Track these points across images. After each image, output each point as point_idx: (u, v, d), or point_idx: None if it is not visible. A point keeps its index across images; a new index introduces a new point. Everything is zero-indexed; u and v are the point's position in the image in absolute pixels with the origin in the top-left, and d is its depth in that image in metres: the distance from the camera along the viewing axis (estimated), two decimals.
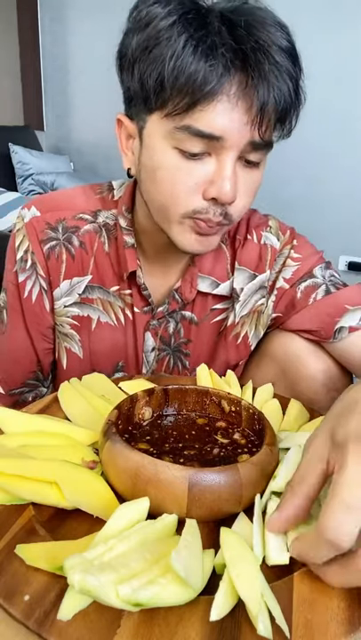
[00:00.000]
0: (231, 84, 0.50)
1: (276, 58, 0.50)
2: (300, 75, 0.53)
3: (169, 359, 0.75)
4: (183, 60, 0.49)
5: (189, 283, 0.70)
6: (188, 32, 0.49)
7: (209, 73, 0.49)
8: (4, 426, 0.49)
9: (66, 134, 3.18)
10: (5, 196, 2.21)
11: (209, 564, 0.35)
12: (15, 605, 0.32)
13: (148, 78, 0.51)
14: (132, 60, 0.53)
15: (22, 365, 0.76)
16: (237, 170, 0.55)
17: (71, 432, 0.49)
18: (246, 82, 0.50)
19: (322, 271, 0.70)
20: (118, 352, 0.74)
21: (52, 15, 2.99)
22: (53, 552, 0.35)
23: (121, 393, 0.58)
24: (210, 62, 0.48)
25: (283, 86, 0.51)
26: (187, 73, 0.49)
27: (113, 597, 0.30)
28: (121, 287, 0.71)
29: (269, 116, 0.52)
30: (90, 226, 0.70)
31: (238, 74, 0.50)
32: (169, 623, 0.31)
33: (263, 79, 0.49)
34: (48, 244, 0.69)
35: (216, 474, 0.39)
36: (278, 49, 0.50)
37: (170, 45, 0.49)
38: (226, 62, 0.49)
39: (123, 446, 0.40)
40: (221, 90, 0.50)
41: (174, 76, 0.49)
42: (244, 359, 0.77)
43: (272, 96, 0.50)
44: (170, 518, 0.38)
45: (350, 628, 0.32)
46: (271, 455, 0.43)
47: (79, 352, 0.74)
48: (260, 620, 0.30)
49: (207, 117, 0.51)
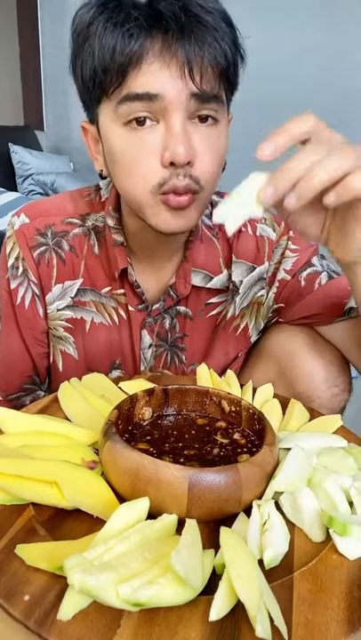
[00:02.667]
0: (153, 44, 0.51)
1: (195, 12, 0.51)
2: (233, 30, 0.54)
3: (166, 355, 0.76)
4: (104, 39, 0.51)
5: (183, 278, 0.70)
6: (105, 14, 0.52)
7: (128, 39, 0.51)
8: (4, 426, 0.49)
9: (66, 134, 3.18)
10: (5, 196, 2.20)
11: (209, 564, 0.35)
12: (15, 605, 0.32)
13: (85, 71, 0.54)
14: (73, 62, 0.56)
15: (18, 371, 0.76)
16: (191, 129, 0.55)
17: (71, 432, 0.49)
18: (168, 38, 0.51)
19: (319, 260, 0.72)
20: (114, 351, 0.75)
21: (52, 15, 2.99)
22: (53, 552, 0.35)
23: (121, 393, 0.58)
24: (125, 29, 0.50)
25: (207, 37, 0.51)
26: (110, 49, 0.51)
27: (113, 597, 0.30)
28: (113, 287, 0.72)
29: (203, 69, 0.52)
30: (79, 229, 0.71)
31: (159, 34, 0.51)
32: (169, 623, 0.31)
33: (183, 33, 0.50)
34: (38, 250, 0.70)
35: (216, 474, 0.39)
36: (199, 7, 0.51)
37: (94, 34, 0.52)
38: (141, 24, 0.50)
39: (123, 446, 0.40)
40: (144, 51, 0.51)
41: (102, 57, 0.52)
42: (244, 351, 0.78)
43: (195, 48, 0.51)
44: (170, 518, 0.38)
45: (350, 627, 0.32)
46: (271, 455, 0.43)
47: (74, 353, 0.74)
48: (258, 622, 0.30)
49: (140, 80, 0.52)
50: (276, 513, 0.40)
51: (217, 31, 0.52)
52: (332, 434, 0.52)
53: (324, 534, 0.40)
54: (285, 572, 0.36)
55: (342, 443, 0.49)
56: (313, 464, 0.45)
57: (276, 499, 0.42)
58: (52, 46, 3.05)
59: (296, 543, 0.39)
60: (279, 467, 0.43)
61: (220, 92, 0.56)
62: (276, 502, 0.42)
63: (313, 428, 0.54)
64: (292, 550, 0.38)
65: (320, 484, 0.42)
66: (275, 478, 0.42)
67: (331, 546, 0.38)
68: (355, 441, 0.52)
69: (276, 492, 0.42)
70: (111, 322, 0.73)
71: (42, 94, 3.15)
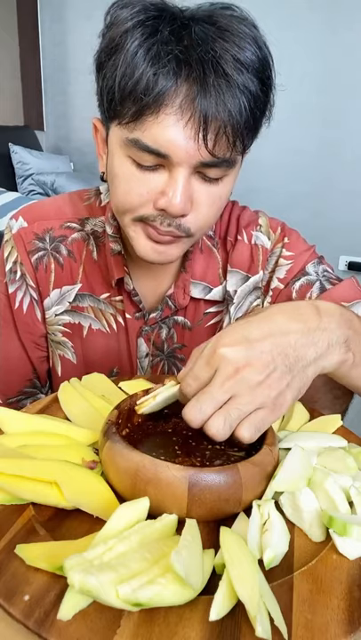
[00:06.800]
0: (177, 95, 0.48)
1: (227, 70, 0.47)
2: (266, 90, 0.51)
3: (163, 365, 0.75)
4: (130, 66, 0.48)
5: (182, 289, 0.70)
6: (140, 39, 0.48)
7: (153, 80, 0.48)
8: (4, 426, 0.49)
9: (66, 134, 3.18)
10: (5, 196, 2.21)
11: (209, 564, 0.35)
12: (15, 605, 0.32)
13: (105, 85, 0.52)
14: (99, 65, 0.53)
15: (18, 374, 0.76)
16: (194, 183, 0.54)
17: (71, 432, 0.49)
18: (191, 94, 0.48)
19: (315, 267, 0.70)
20: (112, 358, 0.74)
21: (52, 15, 2.99)
22: (53, 552, 0.35)
23: (121, 393, 0.58)
24: (154, 70, 0.47)
25: (231, 100, 0.48)
26: (133, 80, 0.48)
27: (113, 597, 0.30)
28: (111, 294, 0.71)
29: (218, 130, 0.50)
30: (78, 234, 0.70)
31: (185, 85, 0.48)
32: (169, 623, 0.31)
33: (207, 91, 0.47)
34: (36, 255, 0.69)
35: (216, 474, 0.39)
36: (233, 61, 0.48)
37: (123, 52, 0.49)
38: (170, 71, 0.48)
39: (123, 446, 0.40)
40: (165, 99, 0.48)
41: (122, 83, 0.49)
42: None
43: (217, 110, 0.48)
44: (170, 518, 0.38)
45: (350, 627, 0.32)
46: (271, 455, 0.43)
47: (73, 358, 0.74)
48: (258, 622, 0.30)
49: (153, 131, 0.50)
50: (276, 513, 0.40)
51: (244, 94, 0.49)
52: (332, 434, 0.52)
53: (324, 534, 0.40)
54: (285, 572, 0.36)
55: (342, 443, 0.49)
56: (313, 464, 0.45)
57: (276, 499, 0.42)
58: (52, 46, 3.06)
59: (296, 543, 0.39)
60: (279, 467, 0.43)
61: (234, 156, 0.54)
62: (276, 502, 0.42)
63: (313, 428, 0.54)
64: (292, 550, 0.38)
65: (320, 484, 0.42)
66: (275, 478, 0.42)
67: (331, 546, 0.38)
68: (355, 441, 0.52)
69: (276, 492, 0.42)
70: (109, 328, 0.72)
71: (42, 94, 3.16)
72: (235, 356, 0.40)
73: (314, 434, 0.51)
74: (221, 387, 0.40)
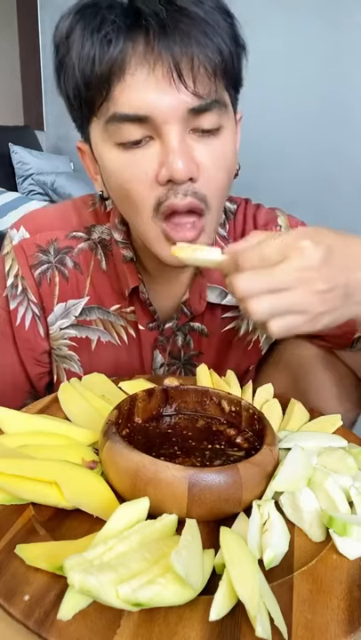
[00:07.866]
0: (134, 51, 0.45)
1: (179, 3, 0.44)
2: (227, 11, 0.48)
3: (180, 372, 0.72)
4: (83, 50, 0.46)
5: (198, 294, 0.66)
6: (83, 22, 0.47)
7: (106, 45, 0.45)
8: (4, 426, 0.49)
9: (66, 134, 3.17)
10: (5, 196, 2.20)
11: (209, 564, 0.35)
12: (15, 605, 0.32)
13: (69, 88, 0.50)
14: (57, 80, 0.52)
15: (12, 390, 0.72)
16: (191, 143, 0.49)
17: (71, 432, 0.49)
18: (149, 42, 0.45)
19: None
20: (123, 371, 0.71)
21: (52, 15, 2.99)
22: (53, 552, 0.35)
23: (121, 393, 0.58)
24: (102, 34, 0.45)
25: (194, 31, 0.45)
26: (89, 59, 0.46)
27: (113, 597, 0.30)
28: (122, 305, 0.67)
29: (192, 65, 0.46)
30: (85, 244, 0.66)
31: (140, 37, 0.45)
32: (169, 623, 0.31)
33: (166, 32, 0.44)
34: (39, 269, 0.66)
35: (216, 474, 0.39)
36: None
37: (72, 45, 0.47)
38: (119, 26, 0.45)
39: (123, 446, 0.40)
40: (125, 57, 0.45)
41: (82, 70, 0.47)
42: (255, 364, 0.75)
43: (182, 44, 0.45)
44: (170, 518, 0.38)
45: (350, 627, 0.32)
46: (271, 455, 0.43)
47: (80, 371, 0.71)
48: (258, 622, 0.30)
49: (126, 96, 0.47)
50: (276, 513, 0.40)
51: (208, 24, 0.45)
52: (332, 434, 0.52)
53: (324, 534, 0.40)
54: (285, 572, 0.36)
55: (342, 443, 0.49)
56: (313, 464, 0.45)
57: (276, 499, 0.42)
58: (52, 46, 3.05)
59: (296, 543, 0.39)
60: (279, 467, 0.43)
61: (222, 94, 0.50)
62: (276, 502, 0.42)
63: (313, 428, 0.54)
64: (292, 550, 0.38)
65: (320, 484, 0.42)
66: (275, 478, 0.42)
67: (331, 546, 0.38)
68: (355, 441, 0.52)
69: (276, 492, 0.42)
70: (120, 341, 0.69)
71: (42, 94, 3.15)
72: (314, 256, 0.38)
73: (314, 434, 0.51)
74: (288, 274, 0.38)
